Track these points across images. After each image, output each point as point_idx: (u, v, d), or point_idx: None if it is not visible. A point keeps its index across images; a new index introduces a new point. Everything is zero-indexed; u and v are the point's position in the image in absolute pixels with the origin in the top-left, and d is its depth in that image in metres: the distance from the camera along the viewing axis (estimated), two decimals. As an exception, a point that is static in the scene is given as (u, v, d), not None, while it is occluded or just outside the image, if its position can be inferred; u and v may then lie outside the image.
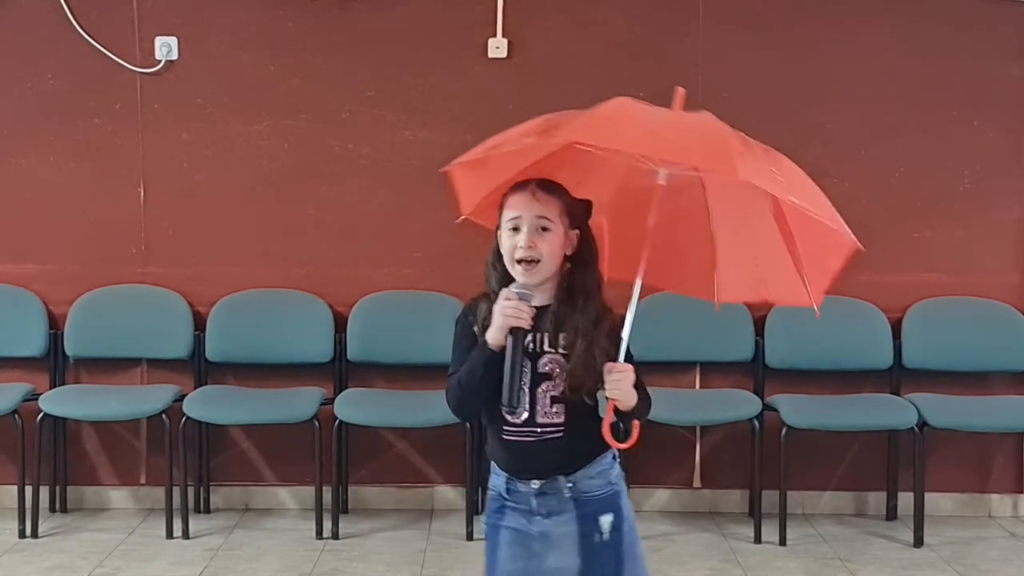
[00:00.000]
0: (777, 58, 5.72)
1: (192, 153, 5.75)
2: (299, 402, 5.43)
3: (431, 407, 5.43)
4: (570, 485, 2.99)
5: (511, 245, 2.95)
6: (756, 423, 5.42)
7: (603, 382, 2.89)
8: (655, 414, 5.39)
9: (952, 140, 5.77)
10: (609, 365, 2.90)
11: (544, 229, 2.95)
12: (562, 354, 2.95)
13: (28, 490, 5.35)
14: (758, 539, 5.37)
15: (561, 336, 2.95)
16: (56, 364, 5.68)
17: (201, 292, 5.71)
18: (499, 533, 3.05)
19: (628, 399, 2.91)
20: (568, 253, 2.99)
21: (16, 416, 5.35)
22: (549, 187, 2.99)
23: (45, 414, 5.35)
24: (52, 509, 5.63)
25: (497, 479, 3.05)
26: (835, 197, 2.98)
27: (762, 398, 5.56)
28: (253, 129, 5.74)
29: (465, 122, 5.65)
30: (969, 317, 5.78)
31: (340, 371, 5.69)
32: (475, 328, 2.97)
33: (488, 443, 3.08)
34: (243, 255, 5.75)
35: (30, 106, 5.70)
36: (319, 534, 5.34)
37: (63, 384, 5.67)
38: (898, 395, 5.64)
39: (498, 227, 3.01)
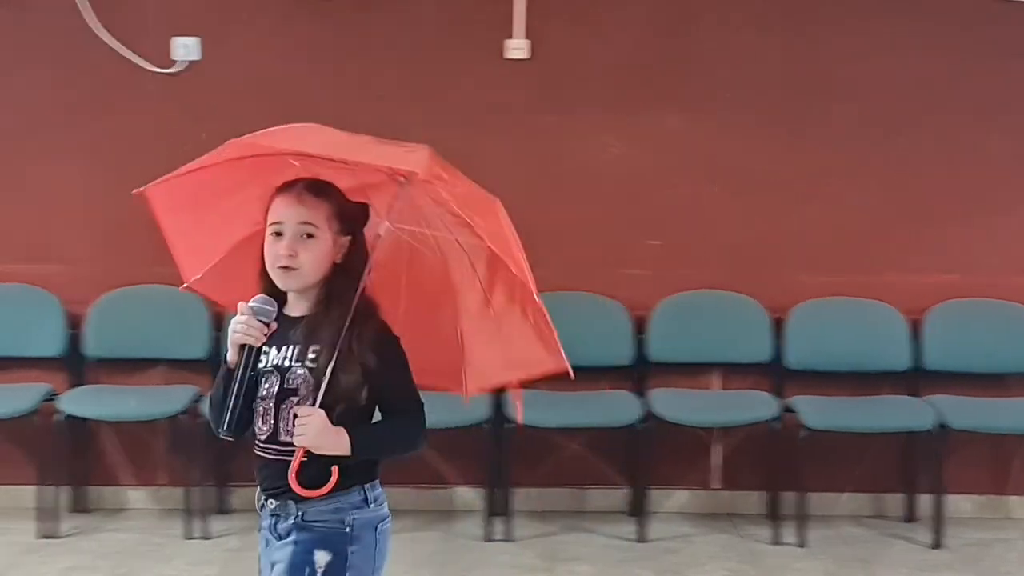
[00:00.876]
0: (785, 57, 5.71)
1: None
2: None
3: (450, 408, 5.42)
4: (300, 513, 2.76)
5: (273, 253, 2.75)
6: (775, 424, 5.41)
7: (347, 400, 2.70)
8: (673, 415, 5.39)
9: (969, 139, 5.75)
10: (297, 410, 2.70)
11: (309, 236, 2.75)
12: (309, 368, 2.73)
13: (47, 491, 5.36)
14: (777, 541, 5.37)
15: (311, 349, 2.74)
16: (75, 364, 5.70)
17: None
18: (262, 544, 2.87)
19: (319, 444, 2.67)
20: (336, 260, 2.79)
21: (35, 417, 5.36)
22: (319, 188, 2.79)
23: (64, 414, 5.36)
24: (72, 510, 5.65)
25: (257, 492, 2.87)
26: (851, 196, 2.97)
27: (781, 399, 5.55)
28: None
29: (482, 124, 5.66)
30: (987, 318, 5.77)
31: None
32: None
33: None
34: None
35: (49, 107, 5.71)
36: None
37: (82, 384, 5.68)
38: (916, 396, 5.63)
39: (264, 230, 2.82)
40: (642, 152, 5.77)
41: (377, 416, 2.81)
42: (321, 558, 2.77)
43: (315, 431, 2.67)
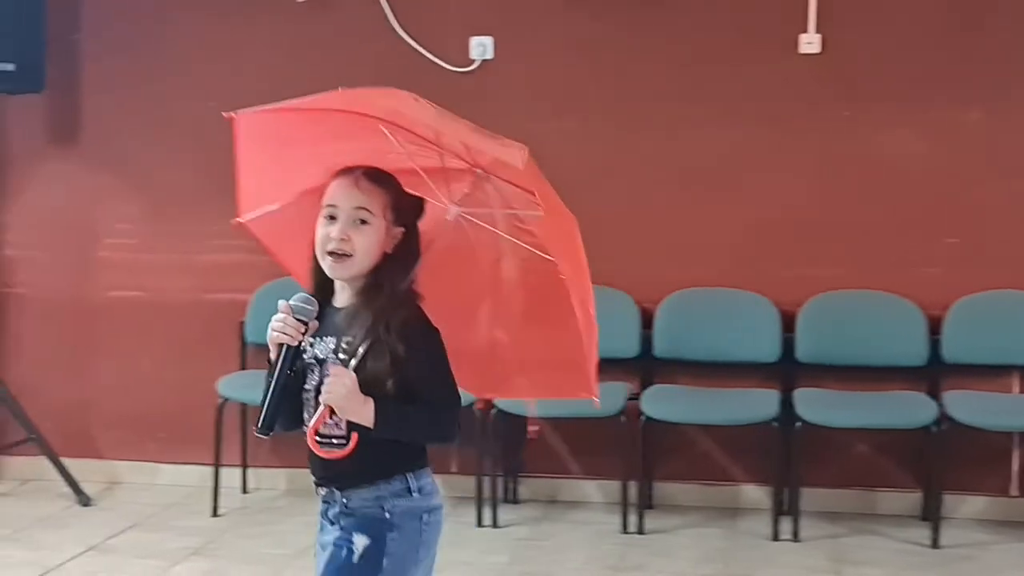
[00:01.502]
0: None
1: (504, 151, 5.86)
2: (605, 396, 5.44)
3: (738, 404, 5.42)
4: (344, 501, 2.81)
5: (324, 235, 2.72)
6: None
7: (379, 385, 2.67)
8: (970, 418, 5.20)
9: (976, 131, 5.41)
10: (330, 367, 2.70)
11: (362, 222, 2.71)
12: (342, 359, 2.71)
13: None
14: (1081, 552, 5.15)
15: (344, 340, 2.72)
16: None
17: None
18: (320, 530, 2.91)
19: (344, 406, 2.66)
20: (388, 251, 2.75)
21: (336, 403, 5.58)
22: (377, 177, 2.76)
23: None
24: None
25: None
26: None
27: (1087, 405, 5.31)
28: (563, 127, 5.82)
29: (774, 120, 5.61)
30: None
31: (646, 367, 5.72)
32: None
33: None
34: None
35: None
36: (624, 528, 5.39)
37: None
38: None
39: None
40: (940, 147, 5.60)
41: None
42: (359, 542, 2.79)
43: (343, 392, 2.64)
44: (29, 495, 5.86)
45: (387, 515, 2.78)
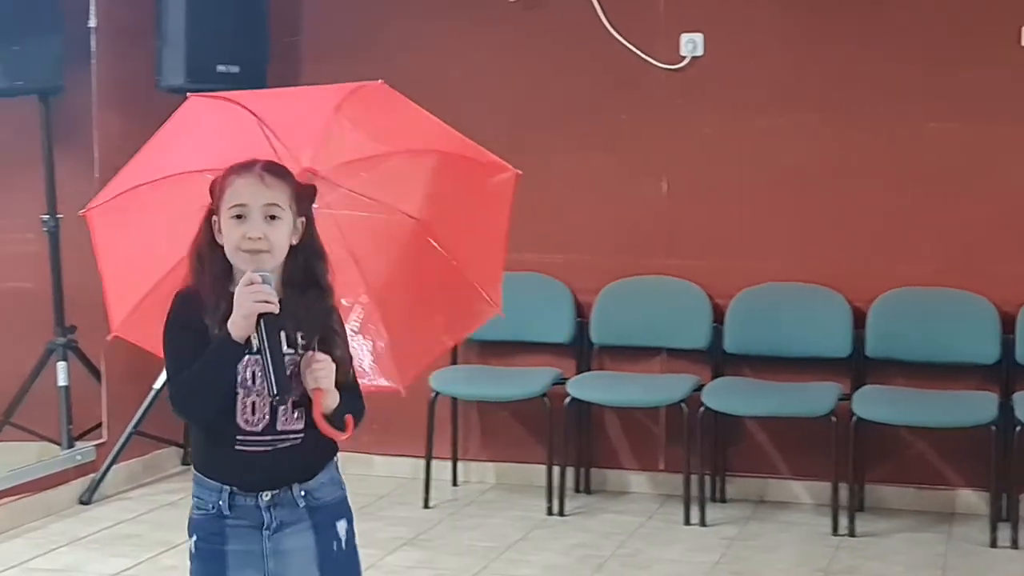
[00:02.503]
0: None
1: (714, 148, 5.84)
2: (816, 397, 5.42)
3: (954, 406, 5.29)
4: (303, 493, 2.72)
5: (238, 235, 2.62)
6: None
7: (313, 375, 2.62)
8: None
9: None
10: (309, 355, 2.63)
11: (273, 217, 2.64)
12: (300, 354, 2.66)
13: (555, 470, 5.63)
14: None
15: (299, 335, 2.66)
16: (582, 351, 5.94)
17: (721, 284, 5.80)
18: (225, 559, 2.70)
19: (332, 394, 2.64)
20: (294, 242, 2.69)
21: (545, 399, 5.64)
22: (277, 170, 2.68)
23: (572, 398, 5.61)
24: (576, 489, 5.89)
25: (209, 493, 2.71)
26: None
27: None
28: (775, 123, 5.76)
29: (998, 114, 5.45)
30: None
31: (858, 367, 5.62)
32: (207, 322, 2.63)
33: (200, 454, 2.76)
34: (762, 248, 5.79)
35: (562, 102, 5.97)
36: (835, 531, 5.31)
37: (588, 370, 5.92)
38: None
39: (211, 212, 2.68)
40: None
41: None
42: (341, 527, 2.78)
43: (331, 377, 2.63)
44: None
45: (342, 488, 2.80)
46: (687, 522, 5.45)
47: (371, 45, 6.10)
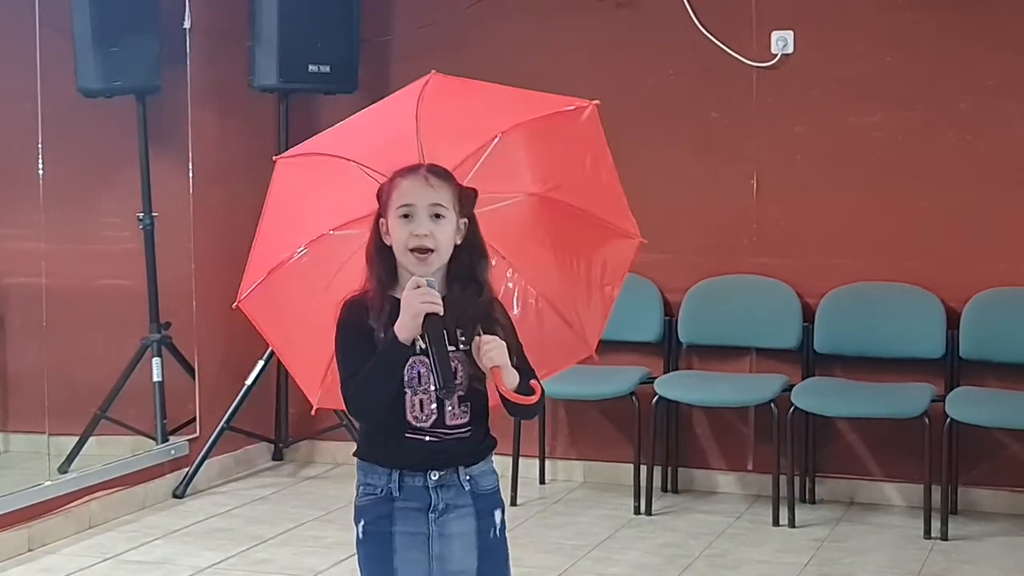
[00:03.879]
0: None
1: (805, 146, 5.80)
2: (908, 398, 5.36)
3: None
4: (468, 478, 2.81)
5: (405, 233, 2.73)
6: None
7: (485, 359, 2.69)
8: None
9: None
10: (478, 340, 2.71)
11: (438, 216, 2.74)
12: (463, 351, 2.75)
13: (643, 469, 5.62)
14: None
15: (459, 332, 2.75)
16: (670, 349, 5.92)
17: (811, 283, 5.75)
18: (392, 541, 2.79)
19: (510, 371, 2.71)
20: (457, 242, 2.78)
21: (634, 398, 5.63)
22: (440, 172, 2.78)
23: (660, 397, 5.60)
24: (664, 489, 5.88)
25: (378, 477, 2.80)
26: None
27: None
28: (867, 121, 5.70)
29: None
30: None
31: (951, 368, 5.55)
32: (372, 325, 2.73)
33: (370, 445, 2.84)
34: (854, 248, 5.74)
35: (653, 99, 5.96)
36: (927, 534, 5.24)
37: (676, 369, 5.90)
38: None
39: (379, 216, 2.78)
40: None
41: None
42: (498, 516, 2.86)
43: (504, 354, 2.70)
44: (340, 478, 6.11)
45: (498, 480, 2.90)
46: (776, 523, 5.41)
47: (461, 44, 6.13)
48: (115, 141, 5.95)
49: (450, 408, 2.78)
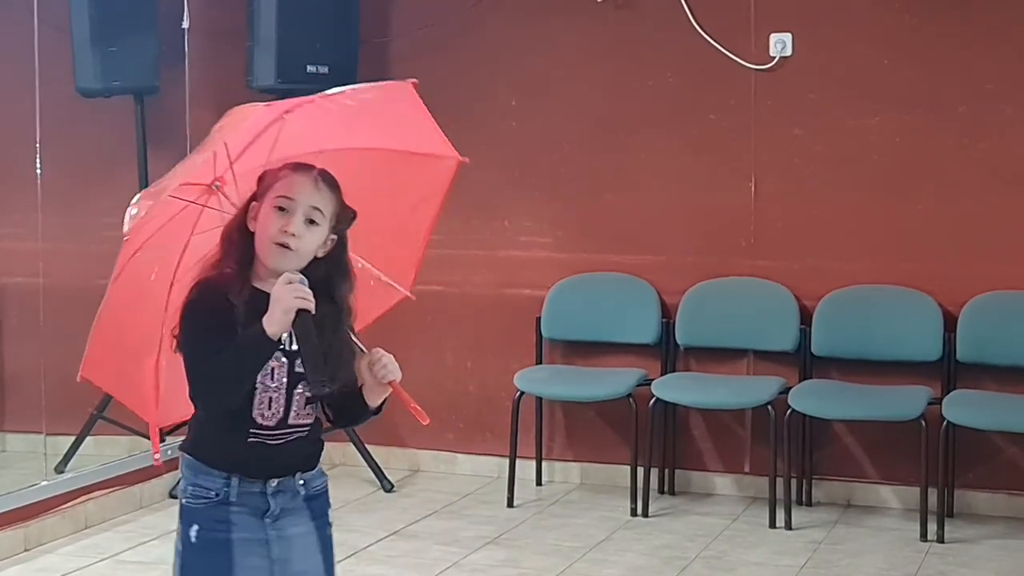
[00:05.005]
0: None
1: (803, 148, 5.80)
2: (905, 400, 5.36)
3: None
4: (302, 482, 2.83)
5: (276, 225, 2.68)
6: None
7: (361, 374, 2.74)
8: None
9: None
10: (367, 361, 2.73)
11: (312, 222, 2.71)
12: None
13: (640, 471, 5.62)
14: None
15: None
16: (667, 352, 5.92)
17: (808, 286, 5.75)
18: (230, 548, 2.76)
19: (399, 373, 2.76)
20: (319, 255, 2.75)
21: (630, 399, 5.63)
22: (331, 181, 2.75)
23: (657, 399, 5.60)
24: (661, 490, 5.87)
25: (213, 481, 2.76)
26: None
27: None
28: (865, 124, 5.71)
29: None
30: None
31: (948, 371, 5.55)
32: (234, 302, 2.66)
33: (204, 443, 2.79)
34: (851, 250, 5.74)
35: (651, 101, 5.96)
36: (923, 536, 5.24)
37: (673, 371, 5.89)
38: None
39: (252, 198, 2.73)
40: None
41: None
42: (330, 514, 2.92)
43: (396, 364, 2.74)
44: (338, 479, 6.05)
45: (326, 480, 2.92)
46: (772, 525, 5.41)
47: (460, 46, 6.13)
48: (113, 141, 5.95)
49: (296, 408, 2.77)
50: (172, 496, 5.75)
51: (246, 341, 2.65)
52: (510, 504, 5.71)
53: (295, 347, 2.72)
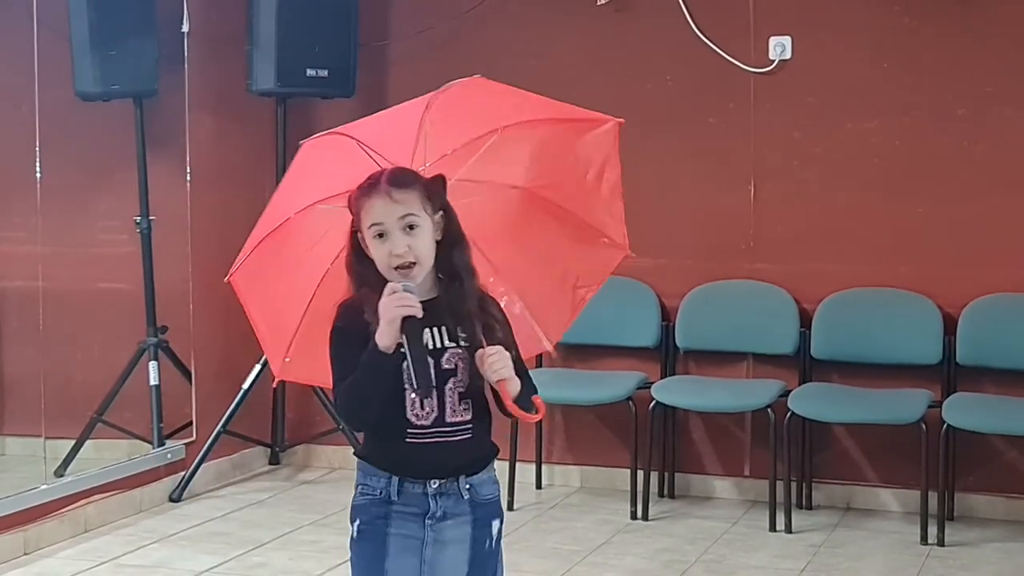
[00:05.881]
0: None
1: (802, 151, 5.80)
2: (905, 404, 5.36)
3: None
4: (468, 487, 2.80)
5: (384, 254, 2.71)
6: None
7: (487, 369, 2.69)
8: None
9: None
10: (480, 352, 2.70)
11: (412, 227, 2.71)
12: (463, 347, 2.74)
13: (640, 475, 5.61)
14: None
15: (459, 329, 2.75)
16: (667, 355, 5.92)
17: (808, 289, 5.75)
18: (387, 542, 2.79)
19: (514, 381, 2.72)
20: (438, 239, 2.76)
21: (630, 403, 5.62)
22: (401, 180, 2.73)
23: (657, 402, 5.59)
24: (660, 494, 5.87)
25: (377, 480, 2.79)
26: None
27: None
28: (864, 127, 5.71)
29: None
30: None
31: (948, 374, 5.55)
32: (370, 330, 2.69)
33: (369, 445, 2.84)
34: (851, 253, 5.74)
35: (651, 105, 5.96)
36: (924, 539, 5.24)
37: (673, 374, 5.89)
38: None
39: (354, 229, 2.76)
40: None
41: None
42: (495, 526, 2.85)
43: (509, 365, 2.70)
44: (336, 482, 6.11)
45: (499, 493, 2.89)
46: (772, 528, 5.41)
47: (458, 49, 6.13)
48: (112, 145, 5.94)
49: (451, 405, 2.76)
50: (172, 500, 5.76)
51: (366, 358, 2.69)
52: (510, 507, 5.71)
53: (440, 345, 2.75)
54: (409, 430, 2.76)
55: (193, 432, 5.94)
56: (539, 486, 6.05)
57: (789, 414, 5.41)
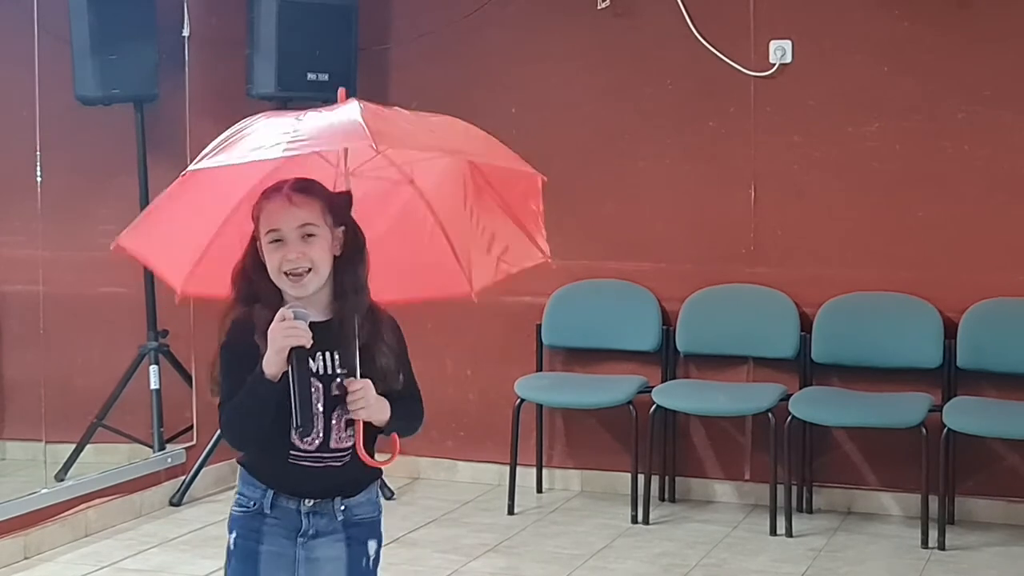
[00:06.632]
0: None
1: (802, 155, 5.80)
2: (906, 407, 5.36)
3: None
4: (343, 508, 2.79)
5: (278, 258, 2.68)
6: None
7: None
8: None
9: None
10: (348, 383, 2.68)
11: (310, 236, 2.68)
12: (343, 372, 2.71)
13: (640, 478, 5.61)
14: None
15: (337, 352, 2.72)
16: (667, 359, 5.92)
17: (808, 293, 5.75)
18: (258, 560, 2.79)
19: (375, 413, 2.70)
20: (336, 254, 2.73)
21: (631, 407, 5.62)
22: (306, 187, 2.71)
23: (657, 406, 5.59)
24: (661, 498, 5.87)
25: (253, 491, 2.79)
26: None
27: None
28: (864, 131, 5.71)
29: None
30: None
31: (949, 378, 5.54)
32: (259, 344, 2.67)
33: (253, 458, 2.82)
34: (851, 257, 5.74)
35: (650, 110, 5.96)
36: (924, 543, 5.24)
37: (674, 378, 5.89)
38: None
39: (254, 237, 2.73)
40: None
41: None
42: (372, 547, 2.84)
43: (373, 401, 2.68)
44: (336, 487, 6.11)
45: (379, 510, 2.87)
46: (773, 532, 5.41)
47: (458, 54, 6.14)
48: (113, 149, 5.94)
49: (336, 431, 2.75)
50: (172, 504, 5.75)
51: (251, 384, 2.67)
52: (510, 512, 5.71)
53: (331, 371, 2.72)
54: (292, 452, 2.75)
55: (194, 436, 5.94)
56: (540, 490, 6.04)
57: (789, 418, 5.41)
